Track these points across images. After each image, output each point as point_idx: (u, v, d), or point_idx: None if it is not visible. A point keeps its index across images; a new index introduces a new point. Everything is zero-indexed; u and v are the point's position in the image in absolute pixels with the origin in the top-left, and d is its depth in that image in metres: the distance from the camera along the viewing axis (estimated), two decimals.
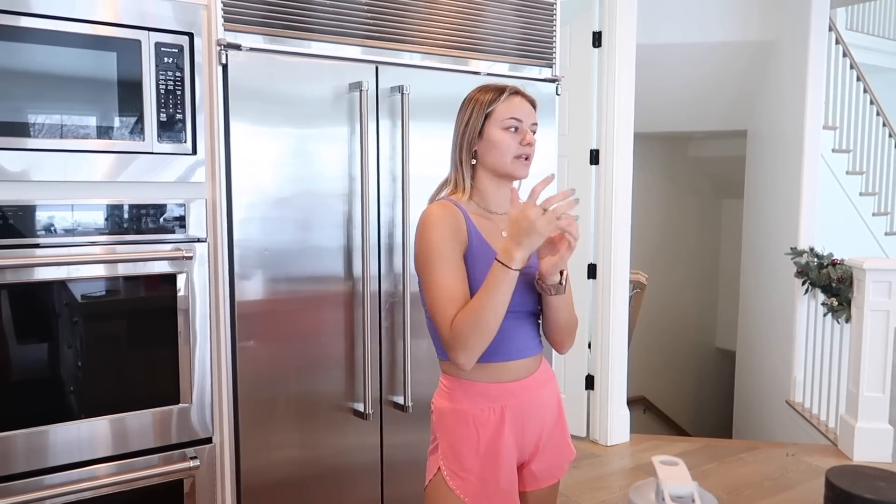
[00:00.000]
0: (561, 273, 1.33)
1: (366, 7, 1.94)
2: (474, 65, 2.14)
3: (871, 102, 6.04)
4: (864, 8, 7.43)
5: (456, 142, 1.43)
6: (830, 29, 5.38)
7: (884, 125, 6.23)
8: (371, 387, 1.96)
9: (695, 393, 6.75)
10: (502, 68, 2.19)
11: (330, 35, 1.89)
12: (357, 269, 1.94)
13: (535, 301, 1.41)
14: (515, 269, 1.24)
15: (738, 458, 3.36)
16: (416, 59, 2.03)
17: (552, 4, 2.28)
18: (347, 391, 1.97)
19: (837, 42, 5.53)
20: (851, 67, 5.74)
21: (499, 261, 1.25)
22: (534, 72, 2.26)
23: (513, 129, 1.38)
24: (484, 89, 1.42)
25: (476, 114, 1.40)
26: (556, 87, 2.27)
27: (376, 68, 1.94)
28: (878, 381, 3.30)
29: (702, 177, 6.71)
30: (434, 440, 1.44)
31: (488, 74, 2.15)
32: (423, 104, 2.02)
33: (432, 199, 1.46)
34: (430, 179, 2.06)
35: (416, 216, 2.02)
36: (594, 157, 3.46)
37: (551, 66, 2.29)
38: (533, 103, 1.43)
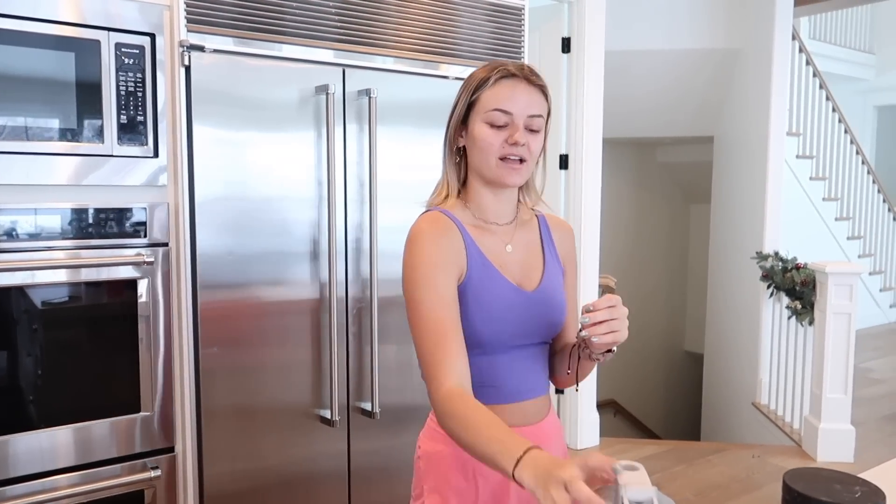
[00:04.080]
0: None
1: (334, 10, 1.93)
2: (443, 69, 2.13)
3: (834, 110, 6.18)
4: (827, 18, 7.61)
5: (444, 134, 1.17)
6: (794, 38, 5.50)
7: (846, 132, 6.38)
8: (338, 393, 1.94)
9: (664, 396, 6.83)
10: (467, 72, 2.19)
11: (296, 38, 1.87)
12: (323, 274, 1.92)
13: (551, 331, 1.17)
14: (511, 476, 0.91)
15: (706, 461, 3.40)
16: (384, 62, 2.02)
17: (520, 10, 2.29)
18: (314, 398, 1.95)
19: (801, 51, 5.65)
20: (814, 76, 5.87)
21: (516, 462, 0.89)
22: None
23: (499, 125, 1.09)
24: (483, 66, 1.13)
25: (462, 99, 1.13)
26: None
27: (343, 71, 1.92)
28: (841, 383, 3.36)
29: (670, 182, 6.80)
30: (418, 493, 1.18)
31: (457, 79, 2.15)
32: (393, 108, 2.02)
33: (427, 205, 1.21)
34: (399, 184, 2.06)
35: (385, 221, 2.02)
36: (563, 162, 3.48)
37: None
38: (541, 88, 1.12)
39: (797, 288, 3.61)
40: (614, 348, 1.08)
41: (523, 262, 1.17)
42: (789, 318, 3.81)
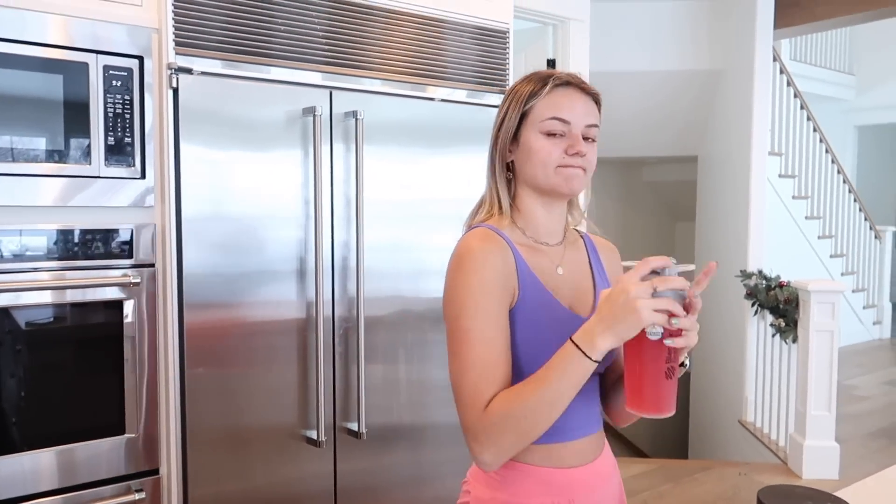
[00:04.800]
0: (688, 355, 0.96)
1: (321, 33, 1.95)
2: (429, 91, 2.16)
3: (815, 130, 6.29)
4: (808, 39, 7.76)
5: (489, 150, 1.12)
6: (775, 59, 5.61)
7: (827, 151, 6.49)
8: (324, 413, 1.94)
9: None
10: (456, 94, 2.22)
11: (284, 60, 1.90)
12: (310, 293, 1.93)
13: (606, 360, 1.05)
14: (595, 361, 0.90)
15: (693, 479, 3.41)
16: (371, 84, 2.05)
17: (505, 33, 2.33)
18: (300, 418, 1.94)
19: (782, 72, 5.76)
20: (795, 96, 5.98)
21: (576, 344, 0.90)
22: (488, 98, 2.29)
23: (558, 134, 1.04)
24: (527, 78, 1.08)
25: (511, 112, 1.06)
26: None
27: (330, 93, 1.95)
28: (825, 400, 3.39)
29: (656, 200, 6.87)
30: None
31: (443, 101, 2.18)
32: (380, 129, 2.04)
33: (467, 225, 1.14)
34: (385, 203, 2.07)
35: (371, 240, 2.04)
36: None
37: (504, 93, 2.33)
38: (595, 97, 1.09)
39: (781, 306, 3.65)
40: (688, 361, 0.97)
41: (575, 285, 1.10)
42: (773, 335, 3.85)
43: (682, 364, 0.95)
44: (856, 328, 7.02)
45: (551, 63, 3.49)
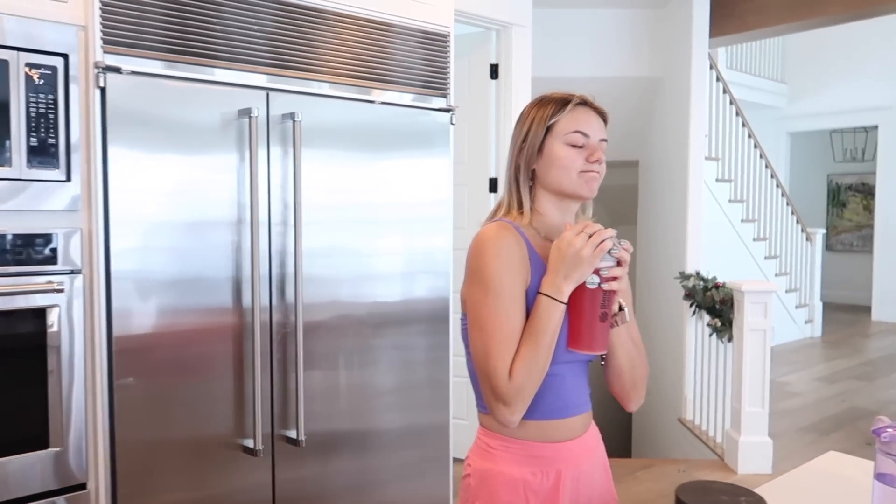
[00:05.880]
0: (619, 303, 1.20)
1: (259, 33, 1.92)
2: (370, 94, 2.15)
3: (749, 136, 6.51)
4: (743, 49, 8.03)
5: (511, 160, 1.29)
6: (712, 67, 5.78)
7: (761, 157, 6.72)
8: (261, 421, 1.90)
9: (598, 413, 6.92)
10: (398, 97, 2.21)
11: (219, 60, 1.85)
12: (246, 299, 1.89)
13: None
14: (564, 303, 1.13)
15: (634, 477, 3.48)
16: (313, 87, 2.02)
17: (446, 37, 2.33)
18: (236, 427, 1.90)
19: (718, 79, 5.94)
20: (731, 103, 6.17)
21: (547, 294, 1.13)
22: (430, 101, 2.29)
23: (579, 145, 1.22)
24: (544, 100, 1.26)
25: (536, 127, 1.24)
26: (451, 117, 2.31)
27: (267, 95, 1.91)
28: (759, 397, 3.51)
29: (599, 204, 6.96)
30: None
31: (384, 104, 2.16)
32: (321, 132, 2.01)
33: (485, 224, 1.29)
34: (326, 208, 2.05)
35: (311, 245, 2.01)
36: (493, 185, 3.54)
37: (446, 97, 2.33)
38: (604, 116, 1.27)
39: (717, 306, 3.76)
40: (626, 309, 1.22)
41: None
42: (710, 335, 3.96)
43: (621, 308, 1.21)
44: (789, 327, 7.29)
45: (494, 68, 3.51)
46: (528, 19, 3.48)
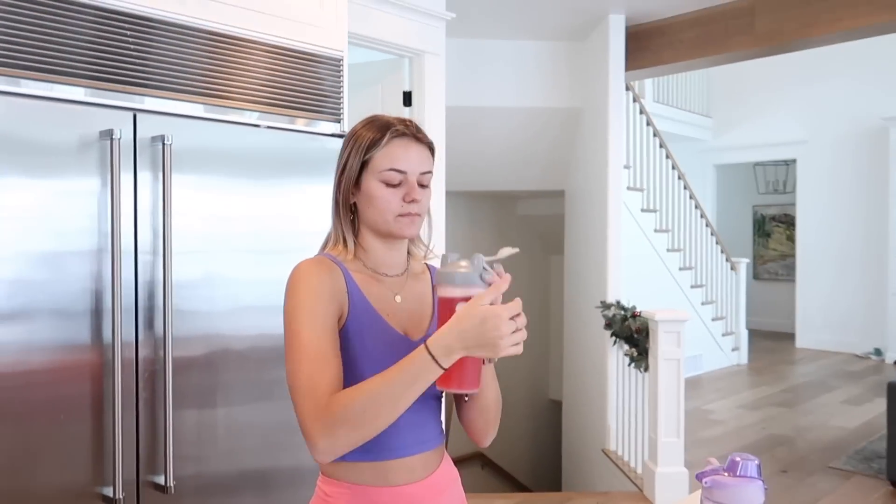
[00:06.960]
0: None
1: (124, 50, 1.81)
2: (251, 116, 2.06)
3: (673, 167, 6.66)
4: (670, 82, 8.27)
5: (333, 191, 1.20)
6: (636, 100, 5.90)
7: (685, 188, 6.87)
8: (123, 467, 1.74)
9: (530, 445, 6.88)
10: (286, 122, 2.13)
11: (79, 79, 1.74)
12: (107, 334, 1.74)
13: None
14: (444, 368, 0.98)
15: None
16: (183, 108, 1.92)
17: (339, 61, 2.27)
18: (95, 475, 1.74)
19: (642, 112, 6.07)
20: (655, 135, 6.31)
21: (429, 351, 0.97)
22: (321, 126, 2.21)
23: (394, 184, 1.13)
24: (368, 124, 1.17)
25: (352, 160, 1.15)
26: None
27: (135, 116, 1.80)
28: (674, 427, 3.49)
29: (530, 234, 7.02)
30: None
31: (269, 127, 2.07)
32: (197, 156, 1.90)
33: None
34: (201, 237, 1.93)
35: (182, 276, 1.88)
36: None
37: (339, 122, 2.26)
38: (429, 145, 1.18)
39: (634, 335, 3.76)
40: None
41: (413, 313, 1.20)
42: (629, 364, 3.95)
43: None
44: (716, 355, 7.41)
45: (407, 95, 3.47)
46: (440, 48, 3.46)
